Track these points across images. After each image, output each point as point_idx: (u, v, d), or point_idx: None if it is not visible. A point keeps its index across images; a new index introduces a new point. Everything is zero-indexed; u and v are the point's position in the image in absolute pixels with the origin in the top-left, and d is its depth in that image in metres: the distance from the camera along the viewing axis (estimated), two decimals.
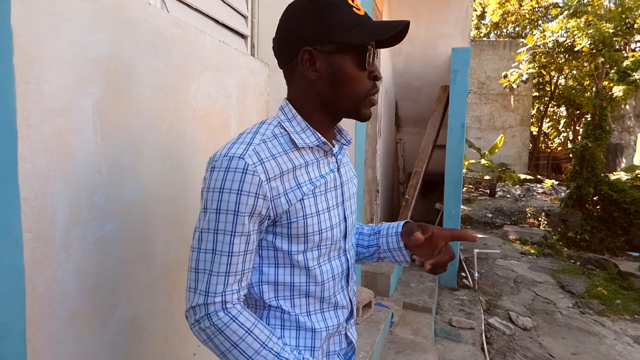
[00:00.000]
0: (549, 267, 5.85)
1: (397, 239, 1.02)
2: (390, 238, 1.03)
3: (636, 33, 8.92)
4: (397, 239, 1.02)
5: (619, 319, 4.36)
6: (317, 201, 0.86)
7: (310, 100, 0.89)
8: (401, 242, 1.01)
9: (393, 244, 1.02)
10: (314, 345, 0.89)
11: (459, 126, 4.43)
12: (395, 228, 1.04)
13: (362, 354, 2.38)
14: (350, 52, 0.84)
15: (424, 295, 3.86)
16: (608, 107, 7.56)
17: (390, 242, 1.03)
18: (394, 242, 1.02)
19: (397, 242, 1.02)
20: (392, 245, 1.03)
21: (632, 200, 6.98)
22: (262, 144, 0.81)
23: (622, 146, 13.05)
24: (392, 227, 1.04)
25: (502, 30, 18.07)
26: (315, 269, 0.88)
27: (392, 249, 1.03)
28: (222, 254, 0.78)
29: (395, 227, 1.04)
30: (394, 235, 1.03)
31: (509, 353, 3.46)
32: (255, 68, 1.66)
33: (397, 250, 1.02)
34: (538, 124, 16.98)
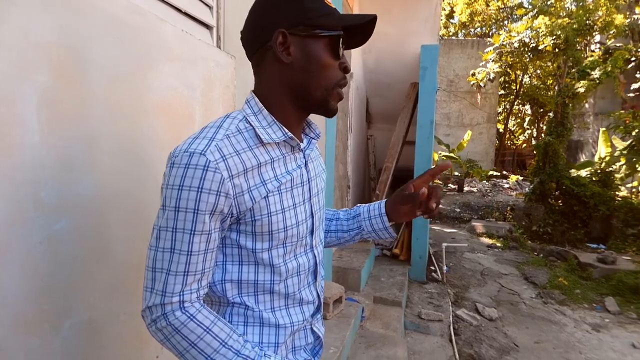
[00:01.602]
0: (513, 259, 6.05)
1: (383, 219, 1.06)
2: (374, 220, 1.07)
3: (596, 33, 9.32)
4: (382, 220, 1.06)
5: (579, 307, 4.56)
6: (282, 198, 0.85)
7: (279, 89, 0.86)
8: (386, 221, 1.06)
9: (378, 224, 1.07)
10: (277, 341, 0.88)
11: (428, 123, 4.49)
12: (377, 209, 1.08)
13: (333, 349, 2.38)
14: (324, 38, 0.84)
15: (394, 289, 3.91)
16: (569, 105, 7.87)
17: (376, 224, 1.07)
18: (379, 223, 1.07)
19: (382, 222, 1.06)
20: (377, 226, 1.07)
21: (591, 194, 7.31)
22: (225, 140, 0.79)
23: (582, 143, 13.65)
24: (374, 209, 1.08)
25: (470, 30, 18.49)
26: (281, 266, 0.87)
27: (377, 229, 1.08)
28: (180, 253, 0.76)
29: (377, 208, 1.08)
30: (378, 216, 1.07)
31: (475, 343, 3.55)
32: (221, 60, 1.62)
33: (382, 229, 1.07)
34: (504, 122, 17.52)
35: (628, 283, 4.86)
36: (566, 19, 8.06)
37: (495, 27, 17.09)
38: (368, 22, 0.86)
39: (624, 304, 4.59)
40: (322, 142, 3.02)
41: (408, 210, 1.02)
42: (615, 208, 7.26)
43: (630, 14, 11.68)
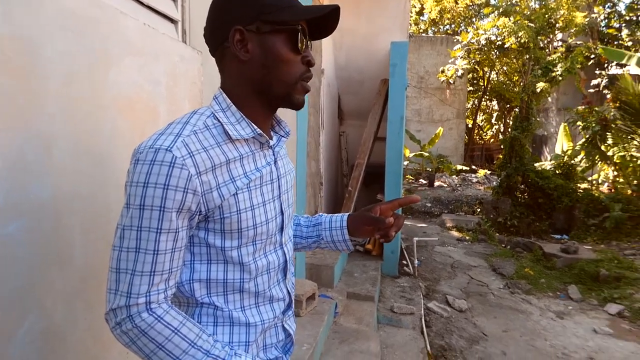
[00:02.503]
0: (482, 251, 6.23)
1: (343, 232, 1.07)
2: (335, 231, 1.08)
3: (558, 32, 9.68)
4: (342, 232, 1.07)
5: (544, 296, 4.75)
6: (251, 195, 0.84)
7: (242, 86, 0.85)
8: (346, 234, 1.06)
9: (338, 237, 1.08)
10: (248, 340, 0.87)
11: (398, 119, 4.55)
12: (339, 222, 1.08)
13: (306, 346, 2.38)
14: (283, 33, 0.82)
15: (367, 284, 3.95)
16: (533, 101, 8.15)
17: (335, 235, 1.08)
18: (339, 235, 1.07)
19: (342, 235, 1.07)
20: (337, 238, 1.08)
21: (554, 187, 7.60)
22: (192, 136, 0.77)
23: (546, 137, 14.18)
24: (336, 221, 1.09)
25: (440, 27, 18.82)
26: (250, 264, 0.86)
27: (336, 241, 1.08)
28: (146, 252, 0.74)
29: (339, 220, 1.08)
30: (339, 228, 1.07)
31: (446, 334, 3.64)
32: (187, 55, 1.58)
33: (342, 241, 1.08)
34: (473, 117, 17.97)
35: (589, 271, 5.09)
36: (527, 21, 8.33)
37: (463, 24, 17.46)
38: (330, 13, 0.85)
39: (585, 291, 4.81)
40: (293, 138, 3.01)
41: (369, 231, 1.05)
42: (577, 200, 7.59)
43: (589, 13, 12.19)
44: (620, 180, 8.41)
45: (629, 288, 4.64)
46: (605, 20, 14.33)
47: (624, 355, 3.45)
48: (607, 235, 6.77)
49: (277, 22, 0.81)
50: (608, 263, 5.19)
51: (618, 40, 14.20)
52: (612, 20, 14.50)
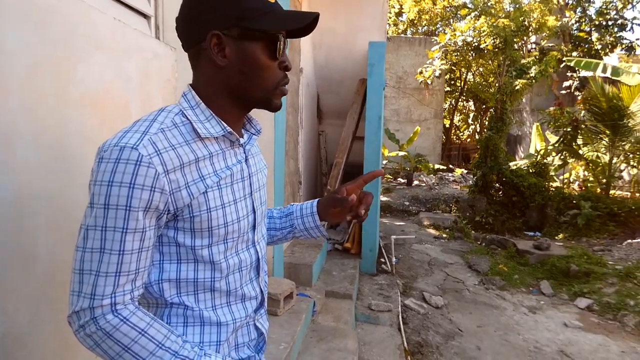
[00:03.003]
0: (458, 249, 6.34)
1: (314, 218, 1.08)
2: (306, 218, 1.09)
3: (531, 34, 9.93)
4: (313, 218, 1.08)
5: (517, 292, 4.87)
6: (222, 193, 0.83)
7: (217, 87, 0.84)
8: (317, 220, 1.07)
9: (310, 223, 1.08)
10: (219, 340, 0.86)
11: (376, 118, 4.58)
12: (310, 208, 1.09)
13: (283, 345, 2.37)
14: (262, 40, 0.81)
15: (345, 282, 3.97)
16: (508, 102, 8.34)
17: (307, 222, 1.09)
18: (311, 222, 1.08)
19: (313, 221, 1.08)
20: (308, 225, 1.09)
21: (528, 185, 7.81)
22: (159, 134, 0.76)
23: (520, 137, 14.55)
24: (306, 208, 1.09)
25: (418, 28, 19.05)
26: (222, 263, 0.85)
27: (309, 228, 1.09)
28: (111, 252, 0.72)
29: (310, 207, 1.09)
30: (310, 215, 1.08)
31: (423, 331, 3.69)
32: (160, 51, 1.55)
33: (314, 228, 1.09)
34: (450, 117, 18.26)
35: (560, 267, 5.25)
36: (504, 20, 8.52)
37: (441, 25, 17.72)
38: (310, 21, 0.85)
39: (557, 286, 4.96)
40: (270, 137, 2.99)
41: (338, 213, 1.05)
42: (549, 198, 7.82)
43: (561, 16, 12.56)
44: (590, 178, 8.71)
45: (598, 283, 4.81)
46: (577, 24, 14.79)
47: (593, 348, 3.58)
48: (578, 232, 7.00)
49: (257, 30, 0.80)
50: (578, 259, 5.36)
51: (588, 44, 14.69)
52: (582, 24, 14.98)
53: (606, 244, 6.41)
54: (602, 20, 14.20)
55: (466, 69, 14.99)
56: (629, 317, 4.07)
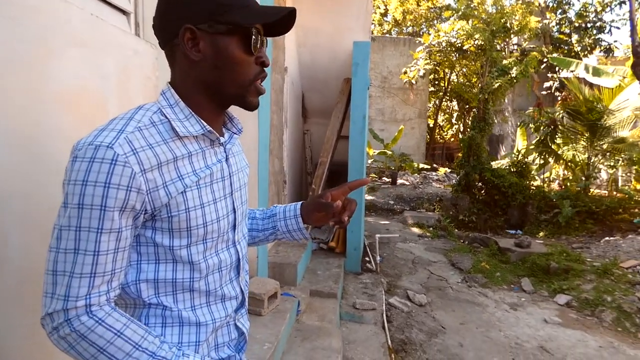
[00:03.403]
0: (442, 247, 6.41)
1: (297, 220, 1.07)
2: (289, 221, 1.08)
3: (513, 35, 10.11)
4: (296, 221, 1.07)
5: (499, 289, 4.95)
6: (201, 193, 0.82)
7: (193, 84, 0.83)
8: (301, 222, 1.07)
9: (293, 226, 1.08)
10: (198, 340, 0.86)
11: (361, 118, 4.60)
12: (293, 211, 1.08)
13: (267, 345, 2.36)
14: (236, 34, 0.80)
15: (330, 281, 3.97)
16: (490, 102, 8.47)
17: (290, 224, 1.08)
18: (294, 224, 1.08)
19: (297, 224, 1.08)
20: (291, 227, 1.08)
21: (509, 185, 7.94)
22: (136, 132, 0.75)
23: (503, 136, 14.79)
24: (289, 211, 1.09)
25: (403, 28, 19.18)
26: (201, 263, 0.85)
27: (291, 230, 1.09)
28: (86, 253, 0.71)
29: (293, 209, 1.08)
30: (293, 217, 1.08)
31: (406, 329, 3.72)
32: (140, 49, 1.52)
33: (296, 230, 1.08)
34: (434, 117, 18.45)
35: (540, 264, 5.36)
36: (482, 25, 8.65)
37: (425, 26, 17.88)
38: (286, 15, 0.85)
39: (537, 283, 5.05)
40: (254, 137, 2.97)
41: (321, 217, 1.05)
42: (530, 196, 7.97)
43: (542, 18, 12.80)
44: (569, 177, 8.90)
45: (577, 279, 4.92)
46: (557, 25, 15.10)
47: (572, 343, 3.66)
48: (558, 230, 7.15)
49: (231, 23, 0.79)
50: (558, 256, 5.48)
51: (568, 45, 15.01)
52: (563, 26, 15.29)
53: (585, 241, 6.57)
54: (581, 22, 14.53)
55: (450, 70, 15.16)
56: (606, 313, 4.18)
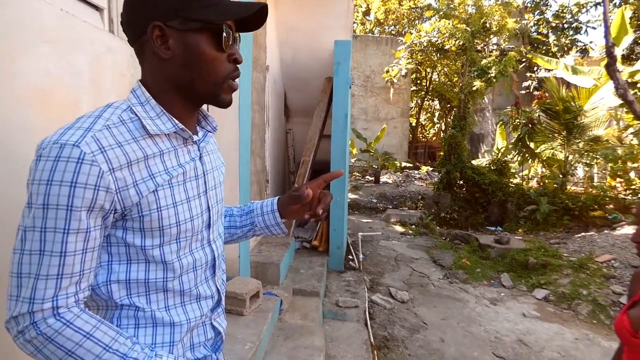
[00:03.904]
0: (424, 244, 6.49)
1: (274, 215, 1.08)
2: (266, 216, 1.09)
3: (492, 36, 10.28)
4: (274, 216, 1.08)
5: (479, 285, 5.03)
6: (174, 192, 0.81)
7: (164, 82, 0.82)
8: (278, 217, 1.08)
9: (270, 221, 1.09)
10: (172, 340, 0.85)
11: (343, 116, 4.61)
12: (270, 206, 1.09)
13: (249, 345, 2.36)
14: (207, 31, 0.80)
15: (313, 280, 3.98)
16: (470, 101, 8.60)
17: (268, 220, 1.09)
18: (271, 219, 1.09)
19: (274, 218, 1.08)
20: (269, 222, 1.09)
21: (489, 182, 8.08)
22: (105, 130, 0.73)
23: (483, 135, 15.04)
24: (267, 206, 1.09)
25: (385, 28, 19.30)
26: (174, 262, 0.84)
27: (269, 225, 1.09)
28: (52, 254, 0.69)
29: (270, 205, 1.09)
30: (270, 212, 1.08)
31: (389, 325, 3.75)
32: (114, 45, 1.50)
33: (274, 225, 1.09)
34: (416, 116, 18.63)
35: (519, 260, 5.47)
36: (462, 25, 8.78)
37: (407, 25, 18.03)
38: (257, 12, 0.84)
39: (516, 278, 5.16)
40: (235, 136, 2.95)
41: (297, 210, 1.06)
42: (509, 194, 8.13)
43: (520, 19, 13.06)
44: (547, 175, 9.10)
45: (554, 274, 5.04)
46: (535, 26, 15.43)
47: (549, 336, 3.75)
48: (536, 227, 7.31)
49: (201, 20, 0.78)
50: (536, 252, 5.60)
51: (546, 46, 15.35)
52: (540, 26, 15.63)
53: (562, 237, 6.73)
54: (558, 23, 14.88)
55: (431, 69, 15.34)
56: (582, 306, 4.30)
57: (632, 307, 1.15)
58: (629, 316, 1.12)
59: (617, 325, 1.14)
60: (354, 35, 15.21)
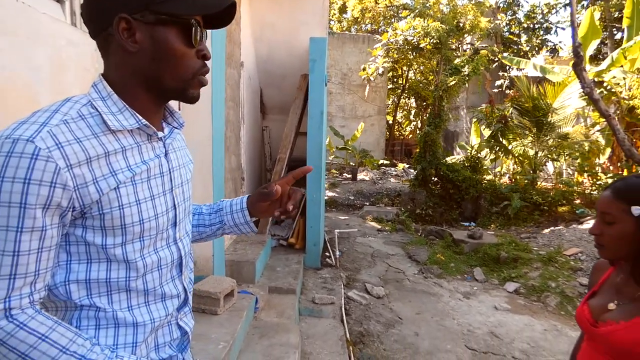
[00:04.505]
0: (400, 240, 6.57)
1: (244, 213, 1.07)
2: (236, 214, 1.08)
3: (466, 34, 10.48)
4: (243, 214, 1.07)
5: (453, 279, 5.13)
6: (136, 189, 0.79)
7: (129, 76, 0.80)
8: (247, 215, 1.07)
9: (240, 219, 1.08)
10: (135, 341, 0.83)
11: (318, 113, 4.61)
12: (239, 204, 1.08)
13: (222, 344, 2.34)
14: (175, 25, 0.78)
15: (289, 277, 3.97)
16: (445, 99, 8.74)
17: (237, 218, 1.08)
18: (241, 217, 1.08)
19: (243, 217, 1.08)
20: (238, 221, 1.08)
21: (463, 179, 8.25)
22: (62, 125, 0.71)
23: (457, 133, 15.33)
24: (236, 204, 1.08)
25: (362, 26, 19.38)
26: (138, 261, 0.82)
27: (238, 224, 1.08)
28: (4, 254, 0.67)
29: (239, 203, 1.08)
30: (240, 211, 1.07)
31: (364, 321, 3.79)
32: (76, 39, 1.45)
33: (243, 224, 1.08)
34: (393, 114, 18.81)
35: (491, 254, 5.61)
36: (437, 24, 8.91)
37: (383, 24, 18.16)
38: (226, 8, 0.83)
39: (488, 272, 5.29)
40: (209, 132, 2.91)
41: (266, 208, 1.05)
42: (483, 190, 8.32)
43: (493, 19, 13.35)
44: (519, 171, 9.36)
45: (524, 268, 5.19)
46: (507, 26, 15.80)
47: (519, 328, 3.86)
48: (507, 222, 7.51)
49: (169, 14, 0.76)
50: (507, 246, 5.75)
51: (518, 45, 15.75)
52: (513, 26, 16.02)
53: (532, 231, 6.93)
54: (529, 23, 15.28)
55: (407, 67, 15.51)
56: (551, 298, 4.44)
57: (592, 297, 1.19)
58: (589, 306, 1.16)
59: (578, 315, 1.18)
60: (331, 33, 15.24)
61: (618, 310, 1.08)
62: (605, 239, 1.10)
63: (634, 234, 1.04)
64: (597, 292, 1.19)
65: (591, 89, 5.63)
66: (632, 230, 1.04)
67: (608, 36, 13.18)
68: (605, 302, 1.13)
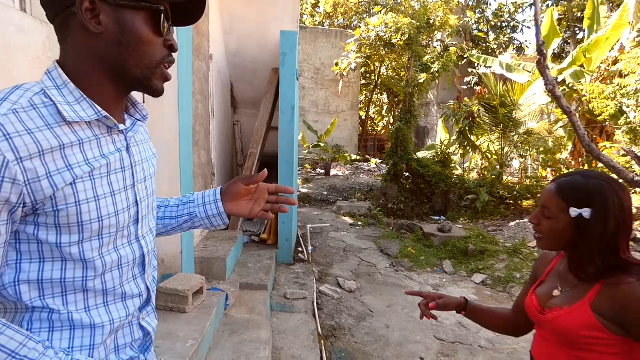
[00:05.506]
0: (372, 235, 6.64)
1: (217, 205, 1.05)
2: (209, 206, 1.05)
3: (436, 31, 10.64)
4: (216, 206, 1.05)
5: (423, 272, 5.23)
6: (95, 185, 0.75)
7: (90, 61, 0.75)
8: (221, 207, 1.04)
9: (212, 211, 1.05)
10: (93, 343, 0.79)
11: (290, 108, 4.58)
12: (213, 196, 1.05)
13: (191, 342, 2.29)
14: (143, 11, 0.75)
15: (260, 273, 3.94)
16: (416, 95, 8.87)
17: (210, 210, 1.05)
18: (214, 209, 1.05)
19: (217, 208, 1.04)
20: (211, 212, 1.05)
21: (433, 174, 8.41)
22: (11, 115, 0.66)
23: (428, 129, 15.61)
24: (209, 196, 1.06)
25: (334, 21, 19.37)
26: (96, 260, 0.78)
27: (211, 216, 1.05)
28: None
29: (213, 194, 1.06)
30: (214, 202, 1.05)
31: (336, 315, 3.81)
32: (26, 26, 1.37)
33: (216, 215, 1.05)
34: (366, 109, 18.93)
35: (460, 247, 5.75)
36: (408, 19, 9.02)
37: (356, 19, 18.21)
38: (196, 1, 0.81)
39: (457, 265, 5.42)
40: (175, 126, 2.83)
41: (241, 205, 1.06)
42: (452, 185, 8.50)
43: (463, 16, 13.62)
44: (487, 166, 9.62)
45: (491, 259, 5.35)
46: (476, 24, 16.17)
47: None
48: (476, 215, 7.72)
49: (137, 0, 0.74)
50: (475, 239, 5.91)
51: (486, 43, 16.15)
52: (481, 24, 16.41)
53: (498, 225, 7.15)
54: (497, 21, 15.68)
55: (380, 63, 15.61)
56: (516, 289, 4.59)
57: (539, 286, 1.23)
58: (536, 294, 1.20)
59: (527, 304, 1.21)
60: (303, 27, 15.16)
61: (561, 297, 1.12)
62: (542, 229, 1.13)
63: (567, 231, 1.07)
64: (543, 282, 1.23)
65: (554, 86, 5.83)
66: (565, 228, 1.07)
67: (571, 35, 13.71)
68: (550, 289, 1.17)
